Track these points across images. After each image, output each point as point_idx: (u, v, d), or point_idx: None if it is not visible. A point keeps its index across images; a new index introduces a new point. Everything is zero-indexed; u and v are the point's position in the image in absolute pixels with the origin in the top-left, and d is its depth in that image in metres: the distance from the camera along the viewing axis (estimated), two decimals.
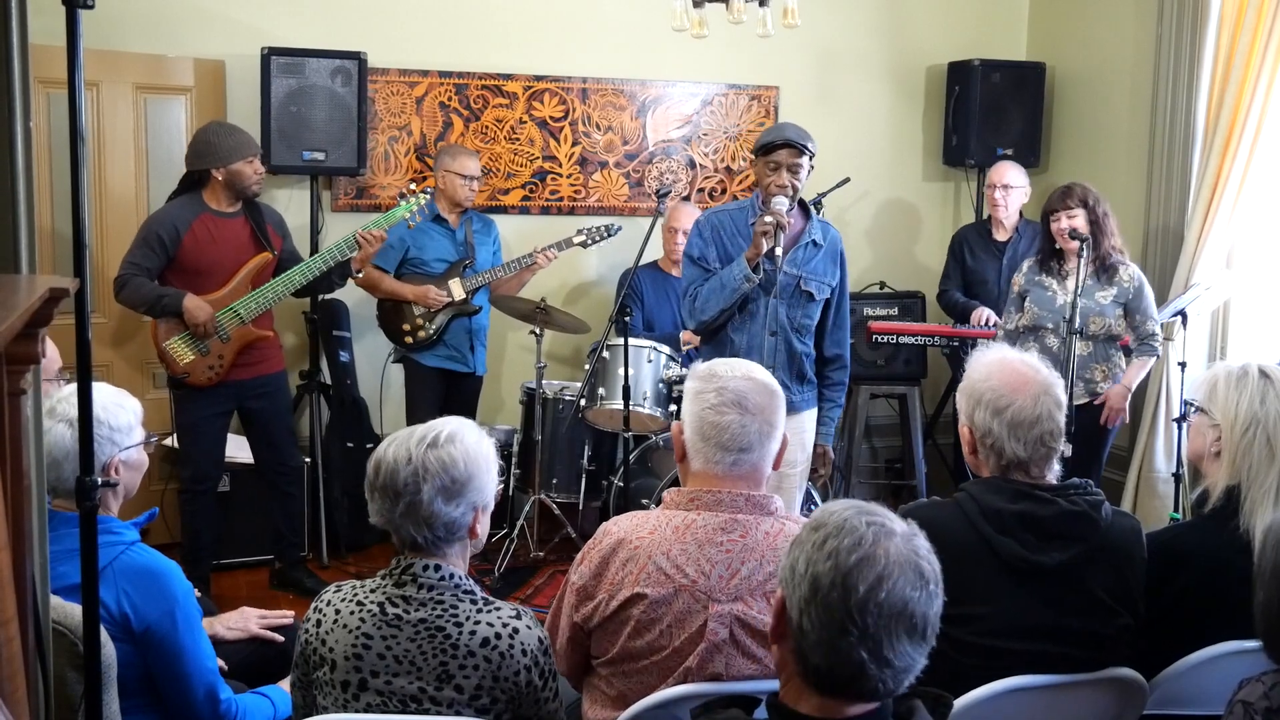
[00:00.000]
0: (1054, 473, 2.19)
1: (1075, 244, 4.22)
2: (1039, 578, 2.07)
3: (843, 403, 3.90)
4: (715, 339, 3.71)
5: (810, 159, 3.62)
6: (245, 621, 2.83)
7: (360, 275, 4.57)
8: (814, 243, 3.70)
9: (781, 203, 3.53)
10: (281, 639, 2.80)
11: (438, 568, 1.95)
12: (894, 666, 1.39)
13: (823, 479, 4.01)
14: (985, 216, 5.44)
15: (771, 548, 2.05)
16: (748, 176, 5.72)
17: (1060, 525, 2.09)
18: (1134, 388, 4.38)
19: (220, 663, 2.42)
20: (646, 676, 2.06)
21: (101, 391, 2.30)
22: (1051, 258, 4.36)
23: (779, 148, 3.57)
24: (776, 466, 2.22)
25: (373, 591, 1.97)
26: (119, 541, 2.28)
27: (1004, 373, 2.18)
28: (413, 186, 4.55)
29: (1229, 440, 2.35)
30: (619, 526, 2.13)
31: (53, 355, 2.64)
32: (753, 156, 3.71)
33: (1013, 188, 5.14)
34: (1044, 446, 2.14)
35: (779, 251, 3.52)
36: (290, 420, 4.63)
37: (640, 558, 2.05)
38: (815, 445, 3.80)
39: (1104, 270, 4.26)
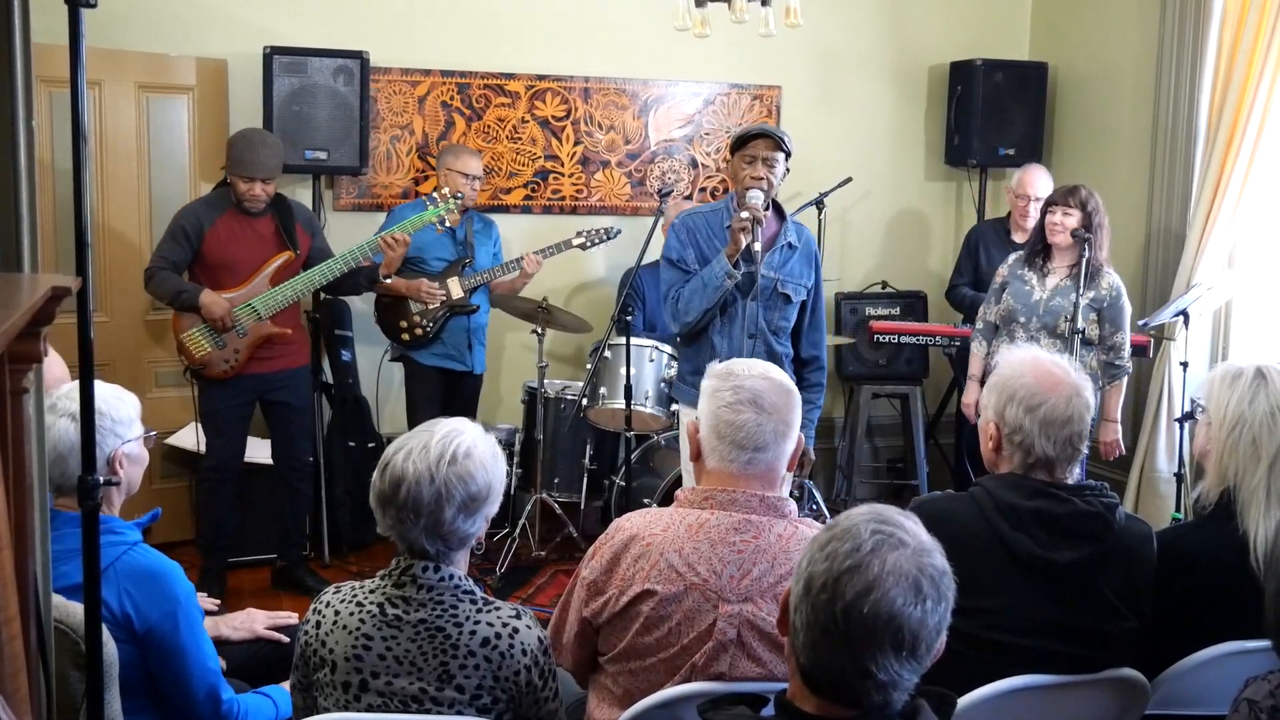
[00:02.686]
0: (1074, 476, 2.20)
1: (1065, 241, 4.22)
2: (1049, 575, 2.08)
3: (821, 404, 3.90)
4: (696, 342, 3.70)
5: (787, 159, 3.61)
6: (251, 622, 2.83)
7: (390, 280, 4.59)
8: (789, 245, 3.70)
9: (756, 196, 3.52)
10: (287, 639, 2.80)
11: (437, 568, 1.95)
12: (875, 679, 1.37)
13: (801, 479, 4.01)
14: (1003, 215, 5.41)
15: (784, 550, 2.05)
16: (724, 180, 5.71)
17: (1074, 524, 2.09)
18: (1119, 417, 4.40)
19: (221, 662, 2.42)
20: (652, 675, 2.06)
21: (99, 387, 2.30)
22: (1039, 253, 4.34)
23: (755, 138, 3.57)
24: (791, 467, 2.22)
25: (372, 592, 1.97)
26: (121, 542, 2.27)
27: (1037, 371, 2.19)
28: (444, 191, 4.53)
29: (1216, 439, 2.36)
30: (632, 523, 2.13)
31: (60, 374, 2.61)
32: (729, 156, 3.71)
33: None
34: (1071, 447, 2.15)
35: (757, 247, 3.51)
36: (310, 416, 4.67)
37: (652, 554, 2.05)
38: None
39: (1088, 275, 4.24)
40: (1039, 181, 5.07)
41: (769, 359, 3.64)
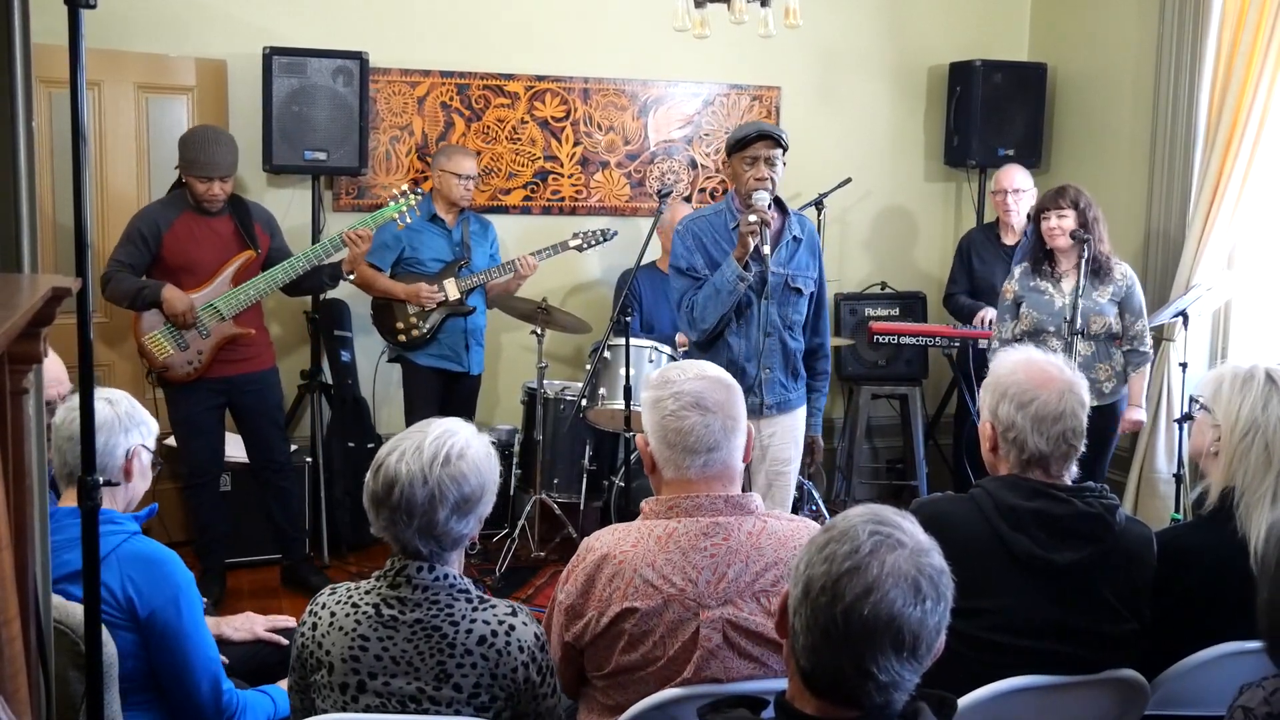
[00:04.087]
0: (1071, 474, 2.20)
1: (1065, 243, 4.22)
2: (1049, 576, 2.08)
3: (827, 391, 3.93)
4: (714, 346, 3.68)
5: (784, 153, 3.61)
6: (250, 624, 2.84)
7: (353, 277, 4.58)
8: (795, 238, 3.70)
9: (763, 197, 3.51)
10: (286, 642, 2.81)
11: (432, 568, 1.95)
12: (876, 680, 1.37)
13: (813, 468, 4.01)
14: (993, 220, 5.41)
15: (756, 547, 2.05)
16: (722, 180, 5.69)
17: (1074, 525, 2.09)
18: (1144, 402, 4.42)
19: (222, 657, 2.43)
20: (643, 687, 2.05)
21: (118, 393, 2.43)
22: (1043, 260, 4.34)
23: (755, 140, 3.55)
24: (746, 459, 2.21)
25: (367, 593, 1.97)
26: (121, 531, 2.30)
27: (1029, 369, 2.21)
28: (404, 188, 4.54)
29: (1227, 442, 2.36)
30: (601, 542, 2.11)
31: (58, 375, 2.61)
32: (725, 157, 3.70)
33: (1022, 191, 5.10)
34: (1065, 443, 2.16)
35: (766, 250, 3.51)
36: (280, 417, 4.63)
37: (626, 572, 2.04)
38: (805, 435, 3.81)
39: (1098, 270, 4.25)
40: (1012, 175, 5.14)
41: (784, 356, 3.67)
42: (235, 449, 4.56)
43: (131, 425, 2.40)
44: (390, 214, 4.46)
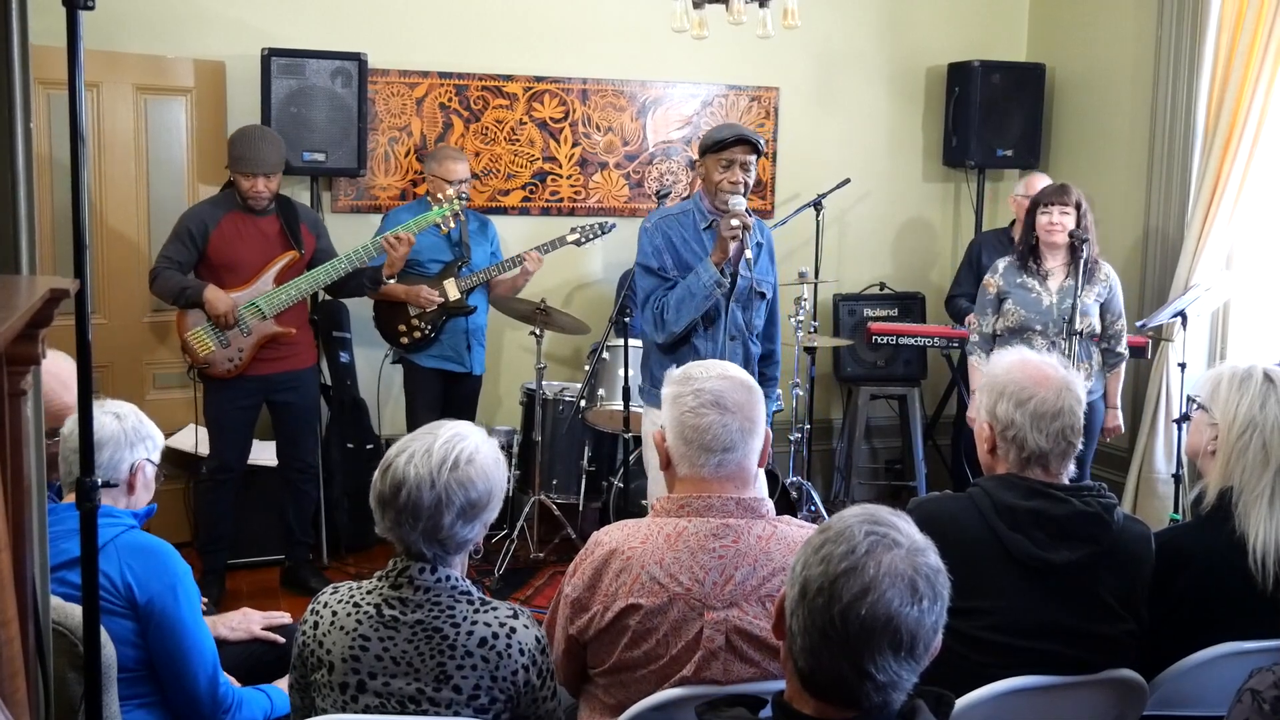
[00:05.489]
0: (1069, 473, 2.21)
1: (1063, 240, 4.21)
2: (1047, 576, 2.08)
3: (775, 398, 3.92)
4: (679, 348, 3.65)
5: (758, 159, 3.60)
6: (247, 622, 2.84)
7: (393, 281, 4.56)
8: (758, 244, 3.69)
9: (740, 202, 3.50)
10: (283, 640, 2.81)
11: (434, 570, 1.95)
12: (874, 680, 1.37)
13: (795, 481, 4.01)
14: (1007, 225, 5.37)
15: (764, 551, 2.05)
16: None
17: (1072, 525, 2.10)
18: (1119, 403, 4.43)
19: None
20: (644, 685, 2.05)
21: (127, 407, 2.46)
22: (1030, 256, 4.32)
23: (733, 144, 3.54)
24: (762, 463, 2.21)
25: (369, 593, 1.97)
26: (120, 523, 2.32)
27: (1026, 368, 2.22)
28: (449, 192, 4.53)
29: (1225, 441, 2.36)
30: (610, 537, 2.12)
31: (67, 404, 2.58)
32: (699, 156, 3.69)
33: None
34: (1064, 440, 2.16)
35: (749, 254, 3.50)
36: (315, 418, 4.66)
37: (633, 568, 2.04)
38: None
39: (1085, 270, 4.23)
40: (1042, 182, 5.05)
41: (744, 360, 3.65)
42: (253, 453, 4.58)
43: (137, 440, 2.42)
44: (434, 218, 4.45)
